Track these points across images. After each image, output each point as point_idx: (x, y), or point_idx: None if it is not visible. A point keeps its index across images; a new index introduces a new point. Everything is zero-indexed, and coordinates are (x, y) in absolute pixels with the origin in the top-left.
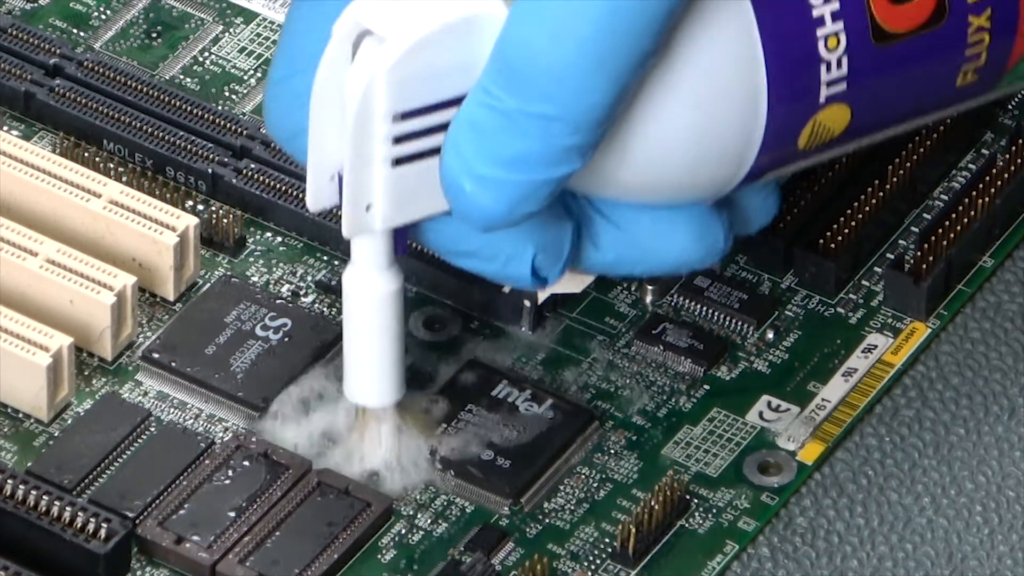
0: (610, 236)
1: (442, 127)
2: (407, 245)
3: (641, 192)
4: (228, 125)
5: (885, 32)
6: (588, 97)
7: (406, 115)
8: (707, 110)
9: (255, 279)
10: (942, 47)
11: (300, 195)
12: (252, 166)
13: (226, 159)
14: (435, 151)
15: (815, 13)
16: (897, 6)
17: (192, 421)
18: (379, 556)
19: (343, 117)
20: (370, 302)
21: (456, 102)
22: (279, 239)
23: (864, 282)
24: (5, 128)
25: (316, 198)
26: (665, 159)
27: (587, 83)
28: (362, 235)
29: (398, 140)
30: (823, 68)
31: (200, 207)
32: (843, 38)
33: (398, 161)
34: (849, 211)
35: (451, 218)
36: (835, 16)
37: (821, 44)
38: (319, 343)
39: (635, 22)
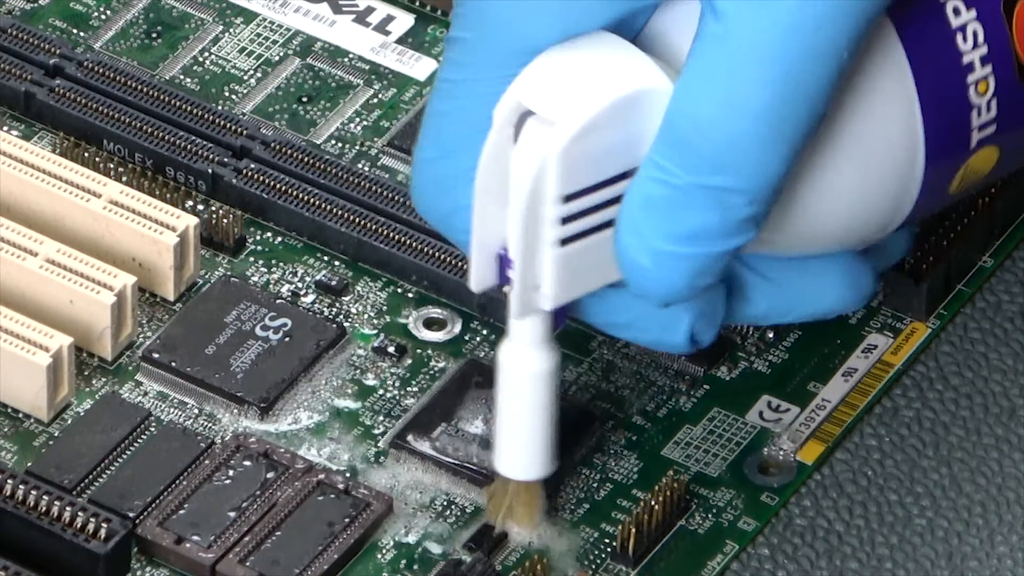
0: (761, 289)
1: (608, 203)
2: (565, 318)
3: (797, 248)
4: (228, 125)
5: None
6: (765, 167)
7: (573, 195)
8: (868, 169)
9: (255, 279)
10: None
11: (300, 195)
12: (252, 166)
13: (226, 159)
14: (601, 227)
15: (965, 60)
16: None
17: (192, 421)
18: (379, 556)
19: (506, 198)
20: (528, 378)
21: (622, 177)
22: (279, 239)
23: None
24: (5, 128)
25: (480, 279)
26: (825, 218)
27: (764, 153)
28: (530, 315)
29: (566, 220)
30: (975, 114)
31: (200, 207)
32: (992, 81)
33: (565, 240)
34: None
35: (607, 290)
36: (983, 60)
37: (972, 90)
38: (319, 343)
39: (808, 88)
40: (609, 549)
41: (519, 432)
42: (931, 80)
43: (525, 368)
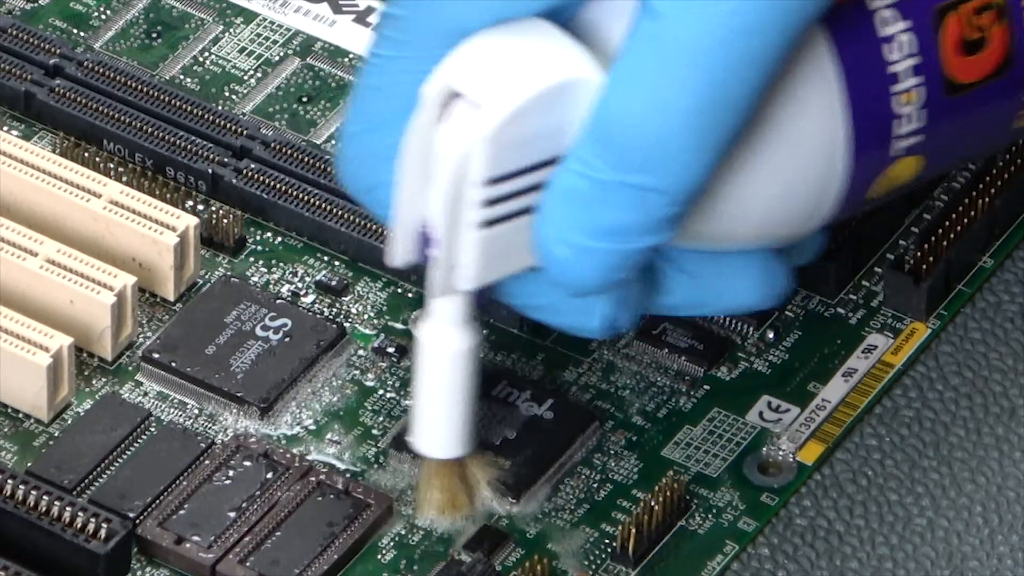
0: (678, 281)
1: (530, 188)
2: (486, 299)
3: (717, 242)
4: (228, 125)
5: (956, 84)
6: (689, 169)
7: (497, 179)
8: (790, 171)
9: (255, 279)
10: (1005, 94)
11: (300, 195)
12: (252, 166)
13: (226, 159)
14: (523, 211)
15: (892, 70)
16: (967, 57)
17: (192, 421)
18: (379, 556)
19: (429, 176)
20: (446, 357)
21: (546, 164)
22: (279, 239)
23: (864, 282)
24: (5, 128)
25: (400, 255)
26: (746, 215)
27: (689, 155)
28: (450, 295)
29: (488, 203)
30: (899, 124)
31: (200, 207)
32: (917, 93)
33: (487, 223)
34: None
35: (527, 273)
36: (911, 72)
37: (898, 101)
38: (319, 343)
39: (738, 92)
40: (609, 549)
41: (435, 410)
42: (856, 88)
43: (444, 347)
